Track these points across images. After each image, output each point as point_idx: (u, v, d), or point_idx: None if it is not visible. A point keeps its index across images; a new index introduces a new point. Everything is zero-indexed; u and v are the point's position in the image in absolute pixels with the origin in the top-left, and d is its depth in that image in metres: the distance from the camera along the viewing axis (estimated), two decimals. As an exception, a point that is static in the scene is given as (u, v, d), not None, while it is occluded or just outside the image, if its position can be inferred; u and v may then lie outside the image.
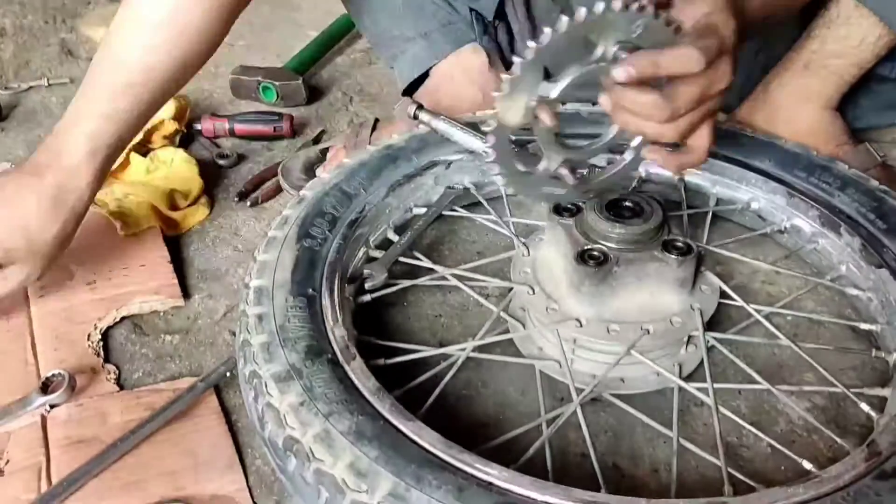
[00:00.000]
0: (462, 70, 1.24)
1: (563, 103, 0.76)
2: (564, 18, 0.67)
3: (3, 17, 1.82)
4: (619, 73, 0.68)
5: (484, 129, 0.76)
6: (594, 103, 0.84)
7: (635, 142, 0.84)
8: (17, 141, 1.38)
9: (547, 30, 0.68)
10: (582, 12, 0.67)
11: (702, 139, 0.78)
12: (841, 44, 1.09)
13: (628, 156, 0.85)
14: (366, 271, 0.93)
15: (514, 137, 0.78)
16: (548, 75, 0.73)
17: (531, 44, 0.69)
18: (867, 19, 1.06)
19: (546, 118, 0.74)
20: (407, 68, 1.28)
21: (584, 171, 0.86)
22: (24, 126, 1.43)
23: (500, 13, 1.27)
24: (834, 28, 1.09)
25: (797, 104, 1.15)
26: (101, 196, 1.18)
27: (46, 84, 1.56)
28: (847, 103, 1.19)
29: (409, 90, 1.32)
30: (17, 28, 1.79)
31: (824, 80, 1.13)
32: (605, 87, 0.73)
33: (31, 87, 1.55)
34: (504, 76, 0.71)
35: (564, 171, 0.81)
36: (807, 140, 1.13)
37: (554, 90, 0.73)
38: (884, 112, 1.24)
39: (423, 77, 1.29)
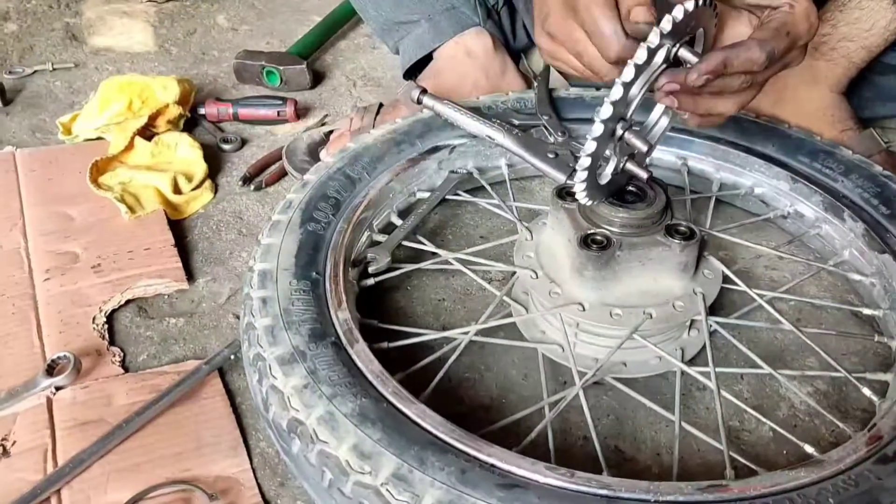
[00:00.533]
0: (465, 52, 1.24)
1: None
2: (643, 46, 0.70)
3: (8, 2, 1.82)
4: (698, 79, 0.73)
5: (576, 167, 0.76)
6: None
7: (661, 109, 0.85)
8: (22, 125, 1.38)
9: (629, 66, 0.70)
10: (665, 25, 0.70)
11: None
12: (852, 27, 1.09)
13: (663, 121, 0.86)
14: (369, 255, 0.93)
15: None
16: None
17: (618, 81, 0.71)
18: (879, 3, 1.06)
19: (640, 144, 0.75)
20: (410, 50, 1.28)
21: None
22: (29, 110, 1.43)
23: None
24: (847, 11, 1.10)
25: (805, 86, 1.15)
26: (105, 180, 1.19)
27: (51, 68, 1.56)
28: (850, 94, 1.19)
29: (412, 74, 1.31)
30: (21, 12, 1.79)
31: (833, 63, 1.13)
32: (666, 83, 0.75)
33: (35, 72, 1.55)
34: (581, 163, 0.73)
35: (631, 165, 0.80)
36: (813, 122, 1.13)
37: (629, 110, 0.74)
38: (887, 103, 1.23)
39: (427, 61, 1.29)
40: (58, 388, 0.85)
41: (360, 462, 0.64)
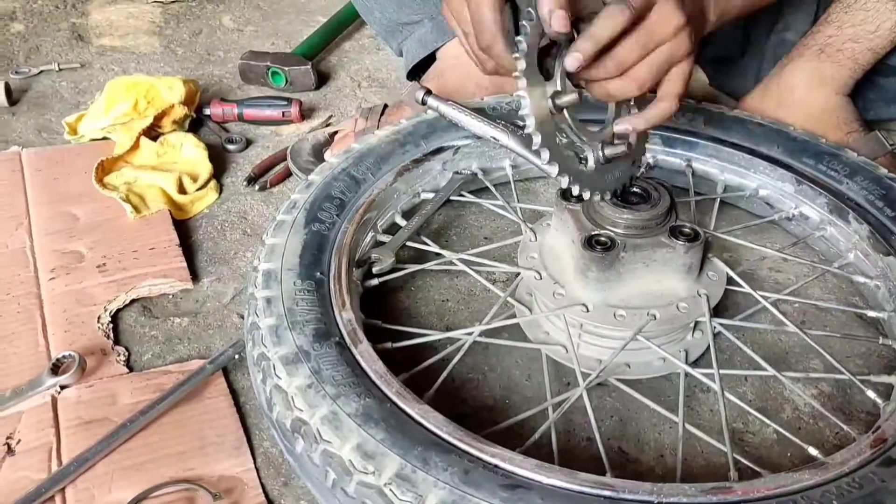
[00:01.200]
0: None
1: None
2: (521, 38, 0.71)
3: (14, 2, 1.83)
4: (571, 62, 0.71)
5: (537, 149, 0.76)
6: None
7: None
8: (28, 125, 1.39)
9: (520, 38, 0.71)
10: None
11: (669, 86, 0.78)
12: (857, 28, 1.10)
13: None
14: (373, 255, 0.93)
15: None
16: (548, 77, 0.76)
17: (516, 55, 0.72)
18: (885, 5, 1.07)
19: (569, 99, 0.75)
20: (413, 50, 1.28)
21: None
22: (35, 110, 1.44)
23: None
24: (851, 13, 1.10)
25: (811, 87, 1.15)
26: (111, 180, 1.19)
27: (57, 69, 1.57)
28: (854, 96, 1.19)
29: (416, 75, 1.31)
30: (27, 12, 1.80)
31: (839, 65, 1.13)
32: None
33: (41, 72, 1.56)
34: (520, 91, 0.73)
35: (609, 150, 0.80)
36: (818, 124, 1.13)
37: (552, 87, 0.75)
38: (891, 105, 1.23)
39: (431, 62, 1.29)
40: (62, 387, 0.85)
41: (364, 462, 0.65)
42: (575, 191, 0.80)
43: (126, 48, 1.69)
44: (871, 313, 0.93)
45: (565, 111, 0.77)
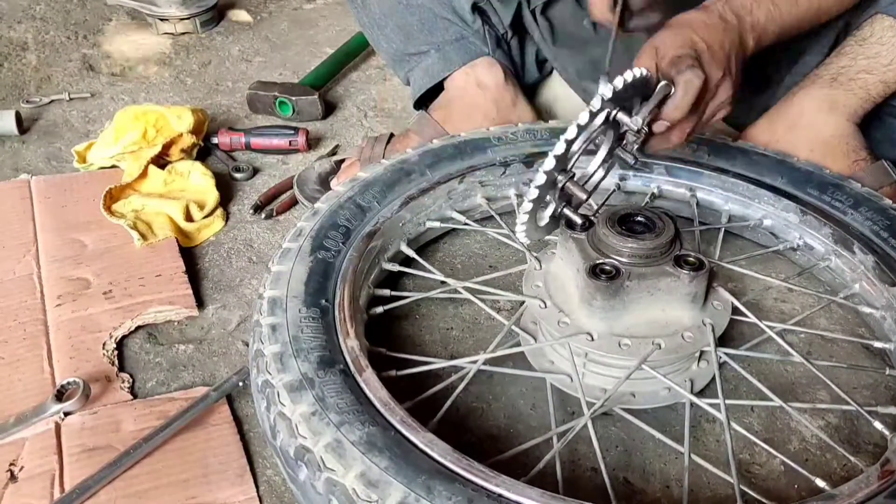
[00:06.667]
0: (476, 83, 1.25)
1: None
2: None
3: (26, 33, 1.85)
4: (660, 126, 0.86)
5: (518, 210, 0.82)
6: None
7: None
8: (38, 154, 1.40)
9: (572, 126, 0.77)
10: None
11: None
12: (871, 61, 1.11)
13: (600, 173, 0.89)
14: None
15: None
16: None
17: (561, 137, 0.77)
18: None
19: (579, 193, 0.83)
20: (420, 80, 1.29)
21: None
22: (45, 139, 1.45)
23: (515, 24, 1.27)
24: (866, 46, 1.11)
25: (822, 113, 1.15)
26: (119, 207, 1.20)
27: (68, 98, 1.59)
28: (862, 133, 1.19)
29: (423, 104, 1.33)
30: (38, 43, 1.82)
31: (851, 93, 1.14)
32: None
33: (52, 101, 1.58)
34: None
35: (568, 211, 0.86)
36: (827, 149, 1.13)
37: (570, 163, 0.82)
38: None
39: (437, 91, 1.30)
40: (66, 414, 0.85)
41: (367, 490, 0.64)
42: (522, 239, 0.85)
43: (136, 78, 1.71)
44: (878, 344, 0.93)
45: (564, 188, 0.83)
